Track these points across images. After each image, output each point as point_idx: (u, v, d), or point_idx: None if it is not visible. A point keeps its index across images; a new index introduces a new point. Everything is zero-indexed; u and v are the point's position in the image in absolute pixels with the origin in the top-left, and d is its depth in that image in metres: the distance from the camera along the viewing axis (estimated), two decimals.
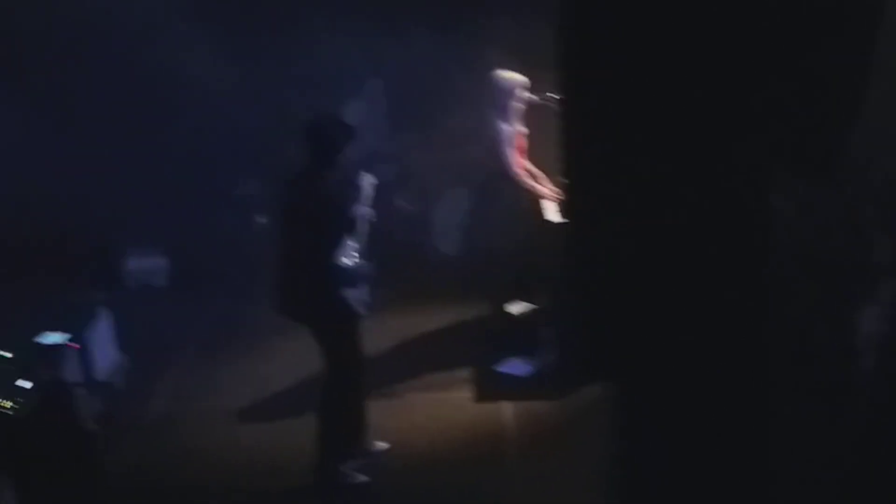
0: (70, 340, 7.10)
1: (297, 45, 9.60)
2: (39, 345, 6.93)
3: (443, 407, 7.36)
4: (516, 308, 8.45)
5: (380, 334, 7.57)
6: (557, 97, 3.02)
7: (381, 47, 9.83)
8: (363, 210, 6.36)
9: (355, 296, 6.21)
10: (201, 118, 9.73)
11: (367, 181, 6.47)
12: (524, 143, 7.93)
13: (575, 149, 2.99)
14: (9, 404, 5.99)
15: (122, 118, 9.77)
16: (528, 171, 7.97)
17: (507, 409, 7.26)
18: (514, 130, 7.79)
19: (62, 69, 9.41)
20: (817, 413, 4.00)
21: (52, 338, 7.04)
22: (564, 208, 3.55)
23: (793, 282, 3.78)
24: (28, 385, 6.19)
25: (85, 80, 9.52)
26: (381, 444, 6.76)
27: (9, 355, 6.52)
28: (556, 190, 7.82)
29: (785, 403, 3.57)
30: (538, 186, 7.93)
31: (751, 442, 3.26)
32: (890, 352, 4.31)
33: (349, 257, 6.17)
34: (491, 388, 7.53)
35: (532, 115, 7.89)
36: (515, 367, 7.71)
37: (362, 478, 6.47)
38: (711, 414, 3.22)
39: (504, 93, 7.77)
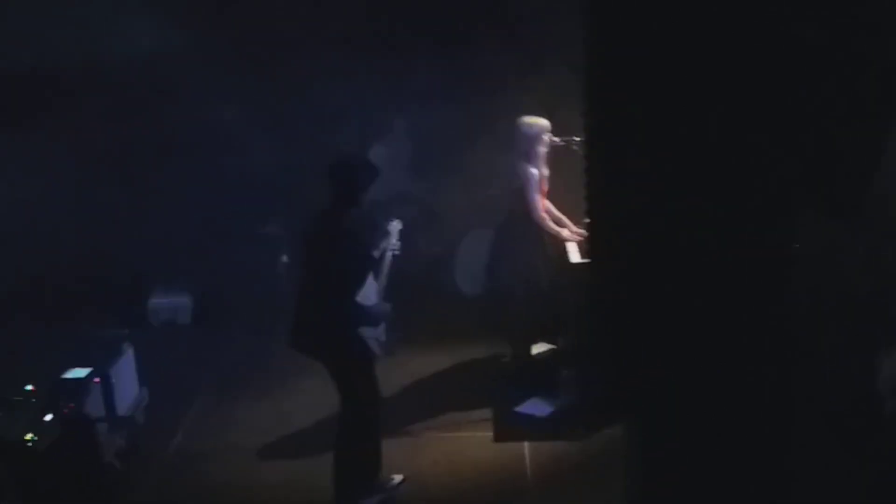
0: (93, 375, 7.13)
1: (323, 87, 9.69)
2: (62, 379, 6.96)
3: (462, 446, 7.35)
4: (537, 349, 8.46)
5: (400, 373, 7.61)
6: (580, 139, 3.06)
7: (406, 89, 9.92)
8: (388, 253, 6.43)
9: (373, 336, 6.23)
10: (226, 158, 9.83)
11: (395, 226, 6.56)
12: (546, 185, 7.98)
13: (599, 190, 3.02)
14: (30, 437, 6.03)
15: (147, 158, 9.89)
16: (550, 213, 8.01)
17: (526, 450, 7.23)
18: (539, 174, 7.85)
19: (89, 111, 9.52)
20: (840, 455, 3.98)
21: (76, 372, 7.08)
22: (587, 249, 3.57)
23: (817, 323, 3.78)
24: (50, 418, 6.23)
25: (112, 120, 9.63)
26: (397, 477, 6.77)
27: (30, 388, 6.57)
28: (579, 232, 7.86)
29: (808, 444, 3.56)
30: (561, 228, 7.97)
31: (774, 483, 3.25)
32: None
33: (369, 298, 6.21)
34: (510, 427, 7.51)
35: (554, 156, 7.95)
36: (535, 407, 7.69)
37: None
38: (734, 455, 3.22)
39: (529, 138, 7.84)
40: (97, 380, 7.14)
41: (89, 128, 9.54)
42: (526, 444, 7.29)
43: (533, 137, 7.85)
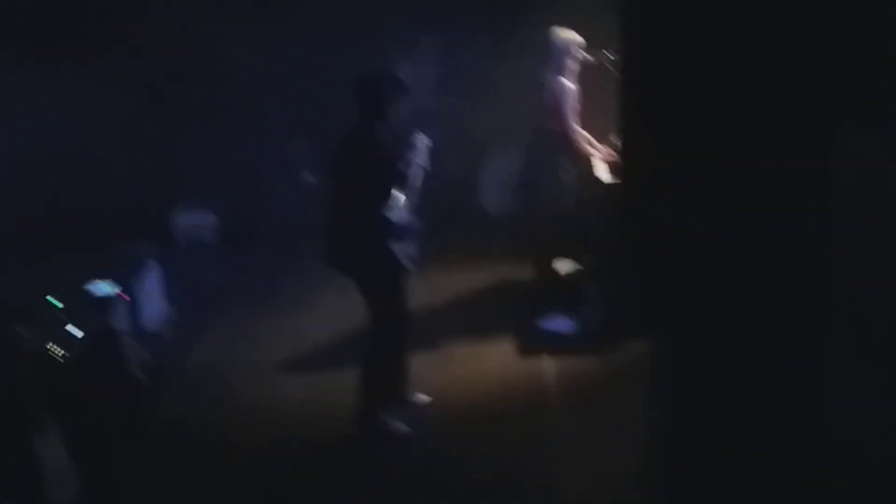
0: (120, 291, 7.18)
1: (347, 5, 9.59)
2: (91, 294, 7.01)
3: (486, 361, 7.39)
4: (562, 266, 8.45)
5: (426, 289, 7.60)
6: (613, 56, 3.01)
7: (433, 6, 9.81)
8: (415, 167, 6.39)
9: (403, 250, 6.22)
10: (251, 76, 9.77)
11: (422, 141, 6.50)
12: (577, 103, 7.88)
13: (632, 110, 2.98)
14: (60, 351, 6.09)
15: (173, 77, 9.86)
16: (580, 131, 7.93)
17: (550, 365, 7.26)
18: (573, 89, 7.75)
19: (112, 35, 9.49)
20: (872, 378, 3.95)
21: (103, 288, 7.12)
22: (617, 169, 3.54)
23: (851, 251, 3.73)
24: (79, 333, 6.28)
25: (136, 44, 9.60)
26: (424, 397, 6.81)
27: (60, 305, 6.61)
28: (607, 151, 7.79)
29: (836, 380, 3.53)
30: (590, 147, 7.89)
31: (796, 412, 3.23)
32: None
33: (398, 212, 6.19)
34: (535, 343, 7.54)
35: (583, 75, 7.86)
36: (560, 323, 7.71)
37: (405, 429, 6.51)
38: (756, 379, 3.20)
39: (562, 50, 7.73)
40: (124, 295, 7.18)
41: (112, 52, 9.52)
42: (549, 361, 7.31)
43: (566, 50, 7.73)
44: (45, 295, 6.78)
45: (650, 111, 2.95)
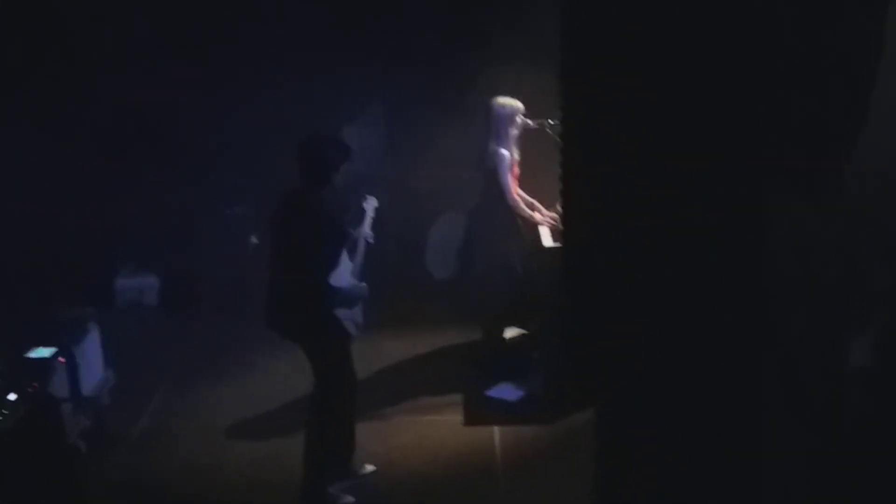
0: (58, 354, 7.05)
1: (297, 70, 9.62)
2: (27, 358, 6.89)
3: (432, 429, 7.33)
4: (508, 333, 8.46)
5: (371, 355, 7.57)
6: (554, 122, 3.04)
7: (380, 73, 9.87)
8: (362, 231, 6.40)
9: (348, 316, 6.19)
10: (195, 137, 9.74)
11: (370, 204, 6.52)
12: (518, 168, 7.93)
13: (574, 174, 2.99)
14: None
15: (115, 135, 9.78)
16: (521, 196, 7.97)
17: (496, 434, 7.22)
18: (511, 156, 7.80)
19: (58, 88, 9.42)
20: (804, 440, 3.98)
21: (41, 351, 7.00)
22: (560, 233, 3.57)
23: (785, 305, 3.77)
24: (13, 397, 6.15)
25: (81, 98, 9.53)
26: (369, 467, 6.74)
27: None
28: (550, 215, 7.84)
29: (773, 428, 3.55)
30: (534, 212, 7.94)
31: (739, 465, 3.24)
32: (877, 384, 4.30)
33: (342, 276, 6.16)
34: (481, 412, 7.50)
35: (525, 140, 7.92)
36: (506, 391, 7.69)
37: (349, 499, 6.43)
38: (700, 437, 3.21)
39: (502, 118, 7.79)
40: (62, 359, 7.06)
41: (56, 102, 9.44)
42: (496, 429, 7.28)
43: (506, 118, 7.80)
44: None
45: (590, 175, 2.97)
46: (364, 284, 6.34)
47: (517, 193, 7.92)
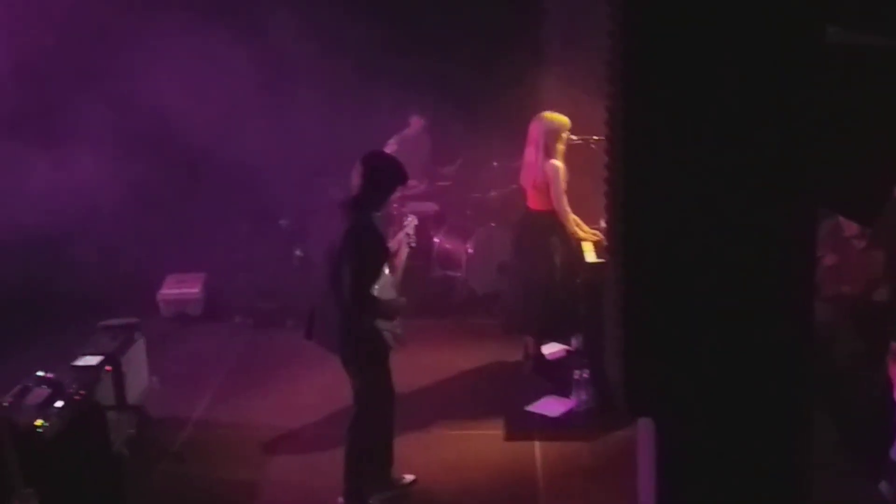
0: (105, 363, 7.13)
1: (344, 82, 9.71)
2: (75, 366, 6.98)
3: (473, 444, 7.32)
4: (549, 348, 8.45)
5: (412, 369, 7.57)
6: (598, 139, 3.06)
7: (424, 86, 9.94)
8: (403, 246, 6.44)
9: (390, 328, 6.21)
10: (247, 149, 9.83)
11: (410, 222, 6.57)
12: (565, 184, 7.93)
13: (620, 190, 3.00)
14: (40, 422, 6.02)
15: (167, 148, 9.93)
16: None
17: (537, 449, 7.21)
18: (563, 170, 7.80)
19: (104, 112, 9.55)
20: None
21: (88, 360, 7.09)
22: (605, 249, 3.59)
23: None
24: (60, 404, 6.22)
25: (134, 115, 9.66)
26: (409, 477, 6.75)
27: (42, 374, 6.56)
28: (594, 232, 7.83)
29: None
30: (579, 228, 7.92)
31: (792, 481, 3.22)
32: None
33: (386, 291, 6.19)
34: (522, 427, 7.49)
35: (571, 156, 7.93)
36: (548, 406, 7.67)
37: None
38: (748, 451, 3.19)
39: (551, 133, 7.80)
40: (108, 368, 7.14)
41: (100, 124, 9.56)
42: (537, 444, 7.25)
43: (554, 133, 7.80)
44: (29, 367, 6.74)
45: (637, 193, 2.97)
46: (404, 298, 6.36)
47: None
